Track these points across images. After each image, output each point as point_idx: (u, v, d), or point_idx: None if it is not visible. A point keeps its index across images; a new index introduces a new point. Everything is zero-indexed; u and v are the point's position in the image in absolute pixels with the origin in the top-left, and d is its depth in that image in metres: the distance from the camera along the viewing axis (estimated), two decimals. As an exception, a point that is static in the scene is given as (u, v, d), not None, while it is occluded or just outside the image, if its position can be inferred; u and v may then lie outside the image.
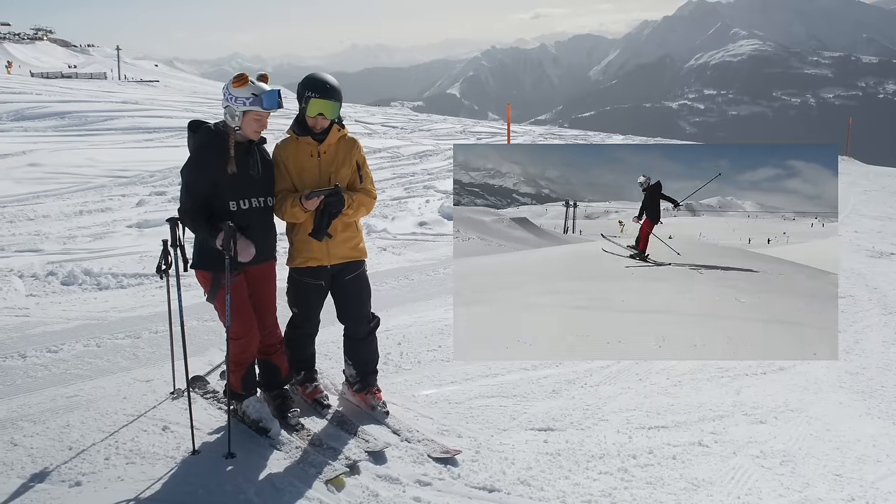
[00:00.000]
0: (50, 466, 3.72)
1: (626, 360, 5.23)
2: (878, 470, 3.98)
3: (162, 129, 19.06)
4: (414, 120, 27.84)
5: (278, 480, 3.64)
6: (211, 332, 5.71)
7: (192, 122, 4.03)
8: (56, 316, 6.10)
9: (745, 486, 3.77)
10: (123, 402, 4.46)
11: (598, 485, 3.73)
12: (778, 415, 4.59)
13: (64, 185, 12.22)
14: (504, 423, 4.36)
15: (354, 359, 4.44)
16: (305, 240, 4.08)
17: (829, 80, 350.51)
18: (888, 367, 5.41)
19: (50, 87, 31.43)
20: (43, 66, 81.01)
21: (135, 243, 8.62)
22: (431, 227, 10.19)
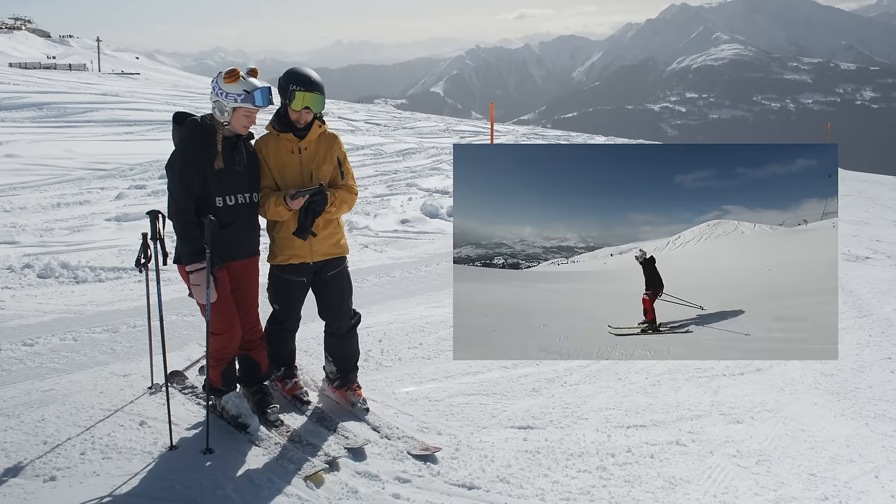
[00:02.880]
0: (24, 461, 3.67)
1: (605, 360, 5.26)
2: (851, 470, 4.04)
3: (142, 122, 18.85)
4: (397, 117, 27.79)
5: (257, 476, 3.62)
6: (190, 327, 5.66)
7: (178, 113, 3.99)
8: (32, 309, 6.02)
9: (722, 485, 3.81)
10: (100, 397, 4.41)
11: (577, 483, 3.76)
12: (754, 415, 4.65)
13: (41, 177, 12.04)
14: (484, 421, 4.38)
15: (335, 355, 4.42)
16: (288, 237, 4.06)
17: (809, 85, 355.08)
18: (862, 369, 5.50)
19: (28, 78, 30.96)
20: (21, 57, 79.69)
21: (113, 237, 8.53)
22: (413, 224, 10.18)
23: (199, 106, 19.46)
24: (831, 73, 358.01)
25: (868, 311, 6.93)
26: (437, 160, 16.27)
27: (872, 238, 10.82)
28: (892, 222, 12.78)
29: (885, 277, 8.33)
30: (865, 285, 7.89)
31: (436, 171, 14.71)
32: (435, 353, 5.45)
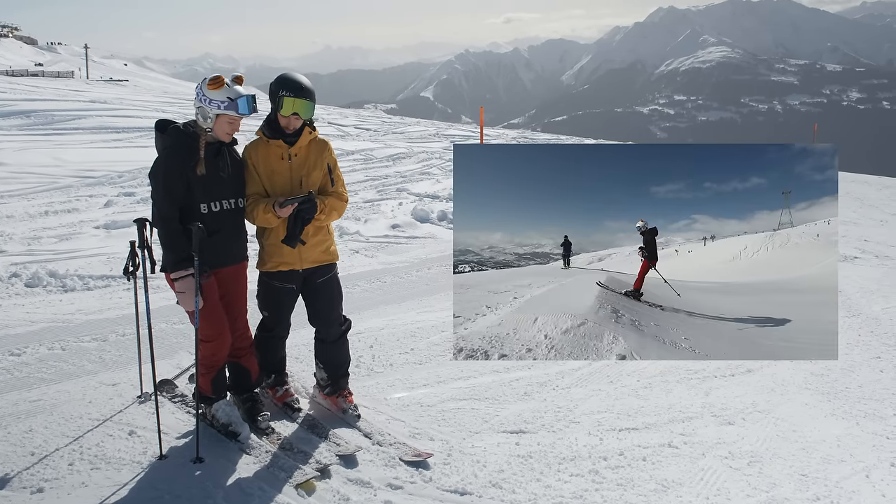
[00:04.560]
0: (11, 472, 3.63)
1: (597, 363, 5.26)
2: (842, 470, 4.05)
3: (131, 129, 18.75)
4: (387, 122, 27.77)
5: (247, 485, 3.60)
6: (179, 335, 5.63)
7: (160, 121, 3.97)
8: (19, 318, 5.96)
9: (714, 487, 3.81)
10: (88, 407, 4.37)
11: (570, 487, 3.75)
12: (746, 416, 4.66)
13: (29, 184, 11.96)
14: (476, 426, 4.36)
15: (326, 362, 4.40)
16: (277, 244, 4.05)
17: (795, 87, 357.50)
18: (852, 369, 5.52)
19: (15, 86, 30.76)
20: (8, 64, 79.24)
21: (102, 244, 8.46)
22: (404, 229, 10.17)
23: (188, 113, 19.18)
24: (818, 75, 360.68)
25: (857, 311, 6.96)
26: (428, 164, 16.26)
27: (860, 238, 10.87)
28: (880, 222, 12.85)
29: (873, 277, 8.38)
30: (854, 285, 7.92)
31: (426, 176, 14.70)
32: (426, 358, 5.43)
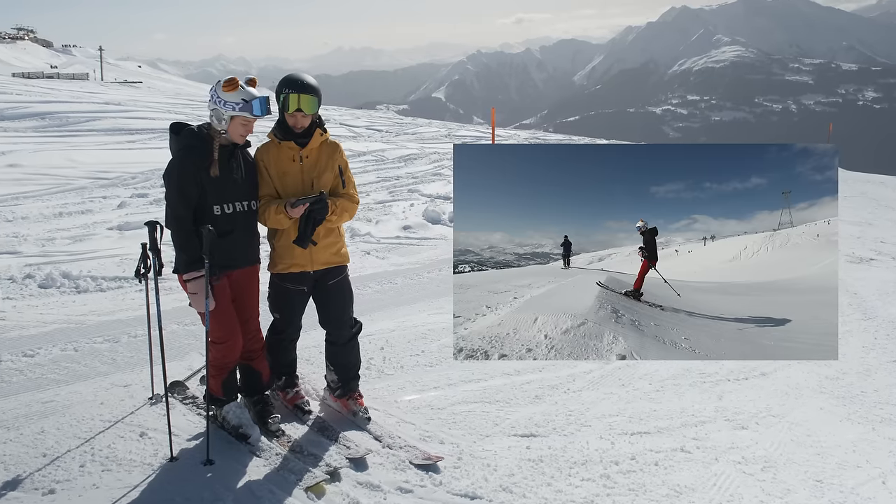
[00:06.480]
0: (23, 474, 3.65)
1: (609, 366, 5.23)
2: (858, 475, 4.00)
3: (144, 131, 18.87)
4: (399, 123, 27.79)
5: (258, 488, 3.60)
6: (191, 336, 5.65)
7: (174, 124, 3.99)
8: (33, 319, 6.01)
9: (727, 493, 3.77)
10: (100, 408, 4.38)
11: (581, 492, 3.72)
12: (759, 420, 4.61)
13: (43, 186, 12.05)
14: (487, 429, 4.34)
15: (336, 364, 4.40)
16: (288, 245, 4.05)
17: (810, 86, 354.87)
18: (868, 373, 5.45)
19: (31, 88, 31.04)
20: (24, 67, 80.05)
21: (115, 246, 8.52)
22: (416, 230, 10.16)
23: (202, 114, 19.45)
24: (833, 74, 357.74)
25: (873, 314, 6.88)
26: (439, 166, 16.25)
27: (876, 239, 10.76)
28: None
29: (889, 279, 8.28)
30: (870, 287, 7.84)
31: (437, 177, 14.69)
32: (437, 360, 5.41)
